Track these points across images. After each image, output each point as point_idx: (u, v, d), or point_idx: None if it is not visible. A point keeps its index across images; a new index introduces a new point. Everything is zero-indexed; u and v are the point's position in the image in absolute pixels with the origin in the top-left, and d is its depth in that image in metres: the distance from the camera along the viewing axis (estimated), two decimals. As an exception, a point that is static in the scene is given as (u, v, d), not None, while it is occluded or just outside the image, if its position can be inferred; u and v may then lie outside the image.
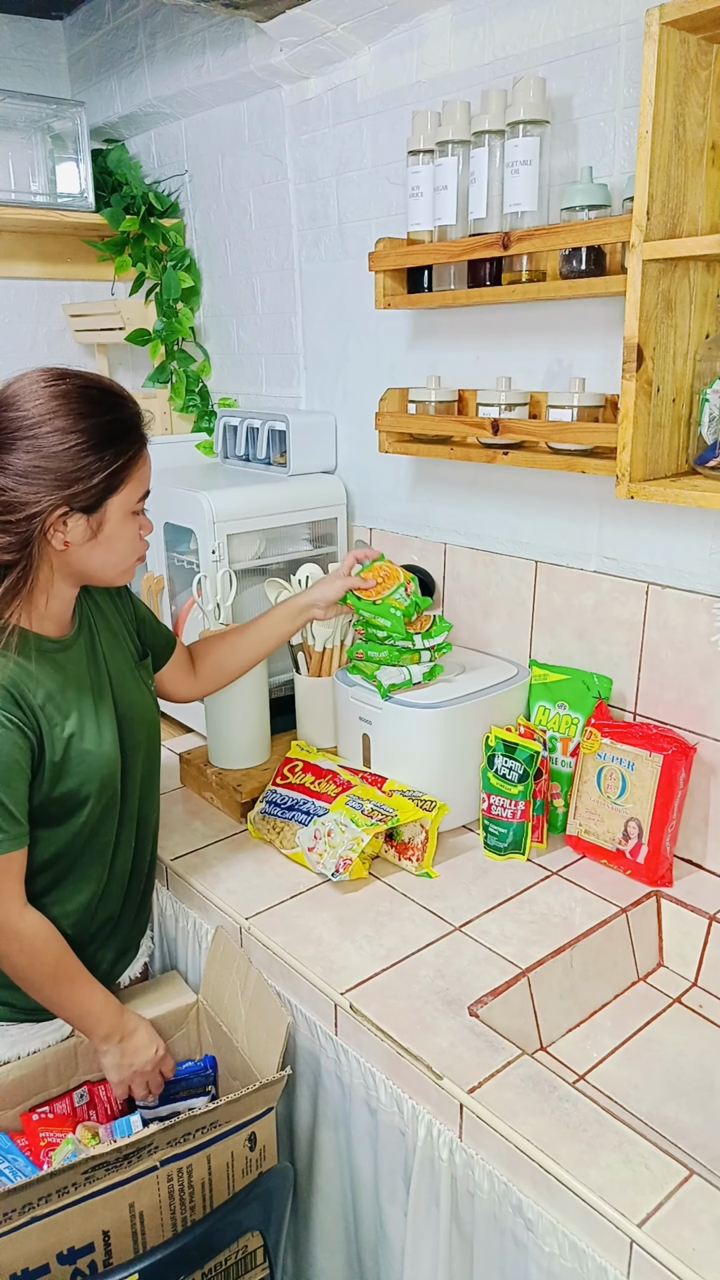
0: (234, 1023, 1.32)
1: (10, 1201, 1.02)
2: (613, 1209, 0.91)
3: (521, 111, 1.36)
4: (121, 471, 1.14)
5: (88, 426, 1.10)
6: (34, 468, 1.08)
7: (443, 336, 1.77)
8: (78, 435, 1.10)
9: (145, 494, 1.20)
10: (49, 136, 2.29)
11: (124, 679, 1.31)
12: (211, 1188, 1.19)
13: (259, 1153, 1.22)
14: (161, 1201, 1.14)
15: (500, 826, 1.50)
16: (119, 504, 1.15)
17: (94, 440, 1.11)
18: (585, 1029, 1.29)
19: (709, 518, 1.40)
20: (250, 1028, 1.29)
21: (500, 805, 1.49)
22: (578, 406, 1.42)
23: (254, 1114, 1.20)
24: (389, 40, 1.72)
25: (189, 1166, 1.15)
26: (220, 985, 1.36)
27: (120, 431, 1.13)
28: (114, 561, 1.20)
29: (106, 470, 1.12)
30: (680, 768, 1.41)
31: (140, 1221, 1.13)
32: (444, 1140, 1.08)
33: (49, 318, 2.49)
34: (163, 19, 2.13)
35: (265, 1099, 1.20)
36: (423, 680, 1.56)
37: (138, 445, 1.16)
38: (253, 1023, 1.29)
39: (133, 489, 1.16)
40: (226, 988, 1.34)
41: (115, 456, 1.12)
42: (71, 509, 1.12)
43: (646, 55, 1.10)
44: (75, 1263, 1.09)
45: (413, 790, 1.53)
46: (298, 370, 2.15)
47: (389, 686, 1.54)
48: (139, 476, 1.17)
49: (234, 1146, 1.19)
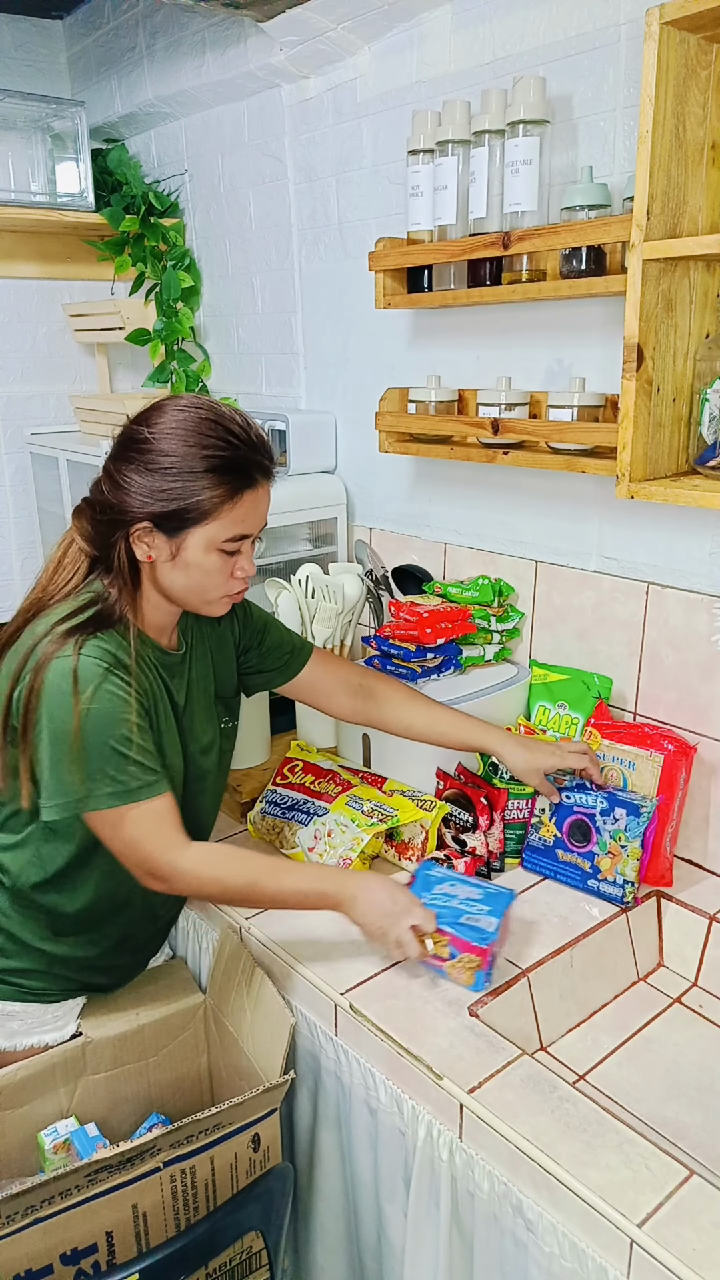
0: (239, 1023, 1.33)
1: (12, 1205, 1.02)
2: (613, 1209, 0.91)
3: (521, 111, 1.36)
4: (208, 505, 1.14)
5: (189, 454, 1.13)
6: (135, 479, 1.14)
7: (443, 336, 1.76)
8: (177, 459, 1.13)
9: (241, 536, 1.19)
10: (49, 136, 2.29)
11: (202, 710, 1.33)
12: (215, 1188, 1.19)
13: (263, 1153, 1.22)
14: (164, 1202, 1.14)
15: (516, 829, 1.49)
16: (201, 535, 1.16)
17: (190, 468, 1.13)
18: (585, 1029, 1.29)
19: (709, 517, 1.40)
20: (255, 1029, 1.29)
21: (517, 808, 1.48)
22: (578, 406, 1.42)
23: (257, 1115, 1.20)
24: (389, 40, 1.72)
25: (192, 1168, 1.15)
26: (227, 985, 1.36)
27: (222, 468, 1.14)
28: (193, 588, 1.20)
29: (192, 499, 1.14)
30: (681, 768, 1.41)
31: (143, 1222, 1.13)
32: (444, 1140, 1.08)
33: (49, 317, 2.49)
34: (163, 18, 2.13)
35: (268, 1101, 1.20)
36: (493, 659, 1.69)
37: (236, 486, 1.16)
38: (257, 1023, 1.29)
39: (220, 526, 1.16)
40: (233, 988, 1.34)
41: (206, 489, 1.14)
42: (155, 526, 1.15)
43: (646, 55, 1.10)
44: (79, 1263, 1.09)
45: (413, 790, 1.53)
46: (298, 370, 2.15)
47: (466, 659, 1.65)
48: (231, 517, 1.16)
49: (237, 1148, 1.19)
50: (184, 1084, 1.41)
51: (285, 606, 1.80)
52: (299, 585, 1.81)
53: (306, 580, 1.81)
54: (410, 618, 1.59)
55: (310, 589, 1.81)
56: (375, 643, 1.66)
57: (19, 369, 2.47)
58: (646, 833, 1.34)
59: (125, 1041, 1.33)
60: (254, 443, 1.18)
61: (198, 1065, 1.42)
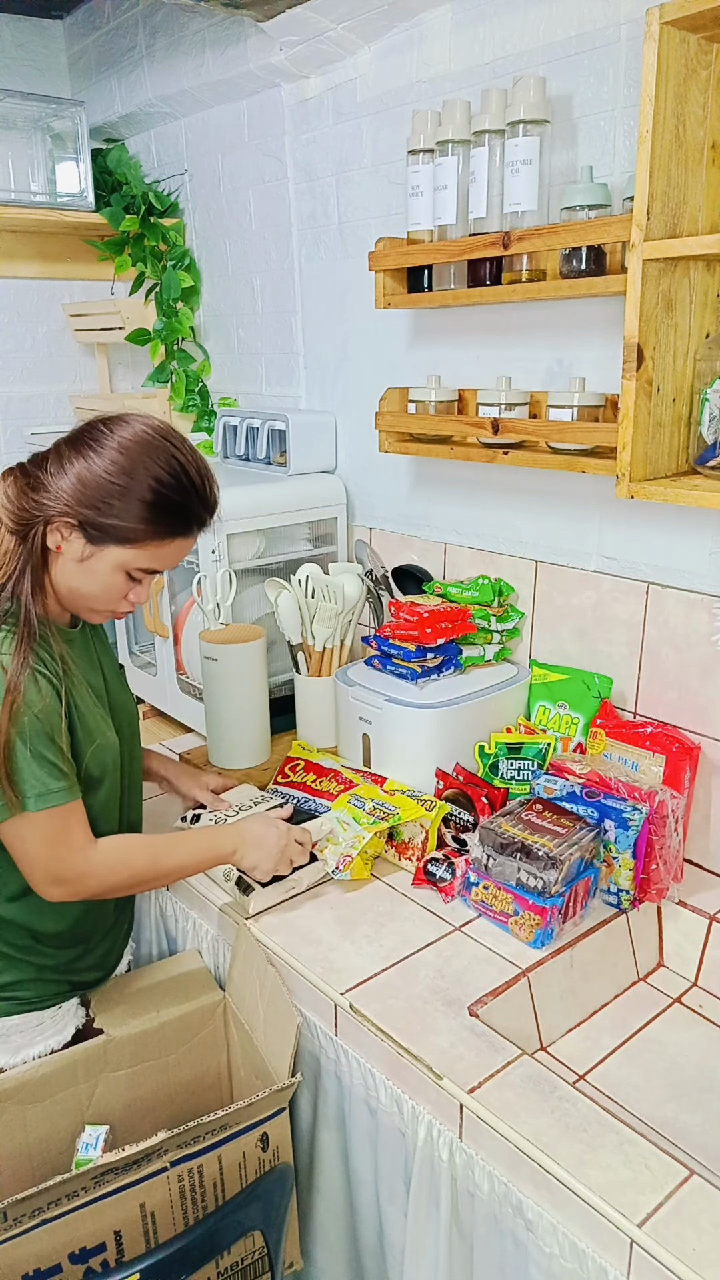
0: (254, 1021, 1.33)
1: (20, 1207, 1.02)
2: (613, 1209, 0.91)
3: (521, 111, 1.36)
4: (136, 535, 1.15)
5: (141, 478, 1.13)
6: (81, 475, 1.13)
7: (443, 336, 1.76)
8: (126, 478, 1.13)
9: (154, 571, 1.20)
10: (49, 136, 2.29)
11: (115, 679, 1.36)
12: (224, 1187, 1.19)
13: (272, 1152, 1.22)
14: (172, 1201, 1.14)
15: None
16: (118, 554, 1.16)
17: (134, 493, 1.13)
18: (585, 1029, 1.29)
19: (709, 517, 1.40)
20: (267, 1027, 1.29)
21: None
22: (578, 406, 1.42)
23: (265, 1115, 1.20)
24: (389, 39, 1.72)
25: (200, 1167, 1.15)
26: (244, 983, 1.36)
27: (165, 506, 1.15)
28: (87, 595, 1.20)
29: (124, 521, 1.13)
30: (685, 768, 1.41)
31: (152, 1221, 1.13)
32: (444, 1140, 1.08)
33: (49, 317, 2.49)
34: (162, 18, 2.13)
35: (276, 1102, 1.21)
36: (493, 659, 1.68)
37: (171, 529, 1.17)
38: (269, 1022, 1.29)
39: (140, 556, 1.17)
40: (248, 986, 1.34)
41: (141, 520, 1.14)
42: (79, 526, 1.14)
43: (646, 55, 1.10)
44: (87, 1262, 1.10)
45: (413, 790, 1.53)
46: (297, 370, 2.14)
47: (466, 659, 1.65)
48: (154, 553, 1.18)
49: (246, 1147, 1.19)
50: (204, 1082, 1.41)
51: (285, 606, 1.80)
52: (299, 585, 1.81)
53: (306, 580, 1.81)
54: (410, 618, 1.59)
55: (310, 589, 1.82)
56: (375, 643, 1.66)
57: (19, 369, 2.47)
58: (638, 843, 1.34)
59: (146, 1039, 1.33)
60: (204, 496, 1.18)
61: (217, 1063, 1.42)
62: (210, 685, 1.73)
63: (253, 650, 1.71)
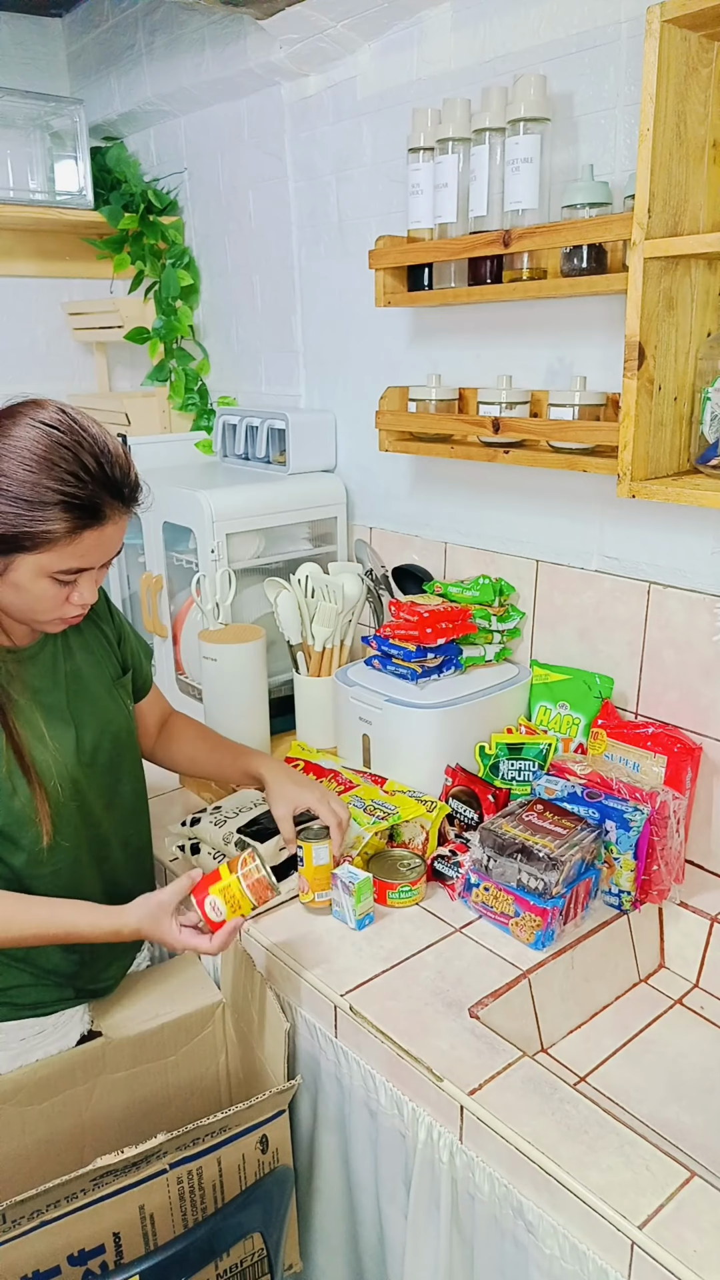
0: (250, 1025, 1.33)
1: (18, 1210, 1.02)
2: (614, 1211, 0.90)
3: (522, 109, 1.35)
4: (40, 539, 1.07)
5: (30, 481, 1.05)
6: None
7: (443, 334, 1.76)
8: (15, 483, 1.05)
9: (79, 570, 1.12)
10: (48, 134, 2.28)
11: (97, 694, 1.29)
12: (223, 1189, 1.18)
13: (271, 1154, 1.22)
14: (171, 1203, 1.14)
15: None
16: (31, 562, 1.08)
17: (25, 497, 1.05)
18: (586, 1030, 1.29)
19: (710, 517, 1.40)
20: (263, 1031, 1.29)
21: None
22: (579, 405, 1.42)
23: (265, 1117, 1.20)
24: (389, 37, 1.71)
25: (199, 1169, 1.15)
26: (239, 987, 1.35)
27: (65, 504, 1.06)
28: (23, 608, 1.14)
29: (24, 529, 1.06)
30: (686, 768, 1.41)
31: (151, 1223, 1.13)
32: (444, 1142, 1.08)
33: (48, 316, 2.49)
34: (162, 16, 2.12)
35: (276, 1104, 1.20)
36: (493, 659, 1.67)
37: (78, 524, 1.08)
38: (264, 1027, 1.29)
39: (53, 559, 1.09)
40: (243, 990, 1.34)
41: (41, 522, 1.06)
42: None
43: (647, 53, 1.10)
44: (86, 1264, 1.09)
45: (413, 790, 1.53)
46: (297, 368, 2.14)
47: (466, 659, 1.64)
48: (67, 552, 1.09)
49: (245, 1149, 1.19)
50: (203, 1084, 1.41)
51: (285, 606, 1.80)
52: (299, 585, 1.80)
53: (306, 580, 1.81)
54: (410, 617, 1.59)
55: (310, 588, 1.81)
56: (375, 643, 1.66)
57: (18, 368, 2.47)
58: (639, 844, 1.33)
59: (144, 1041, 1.33)
60: (107, 479, 1.09)
61: (216, 1065, 1.42)
62: (209, 685, 1.73)
63: (252, 650, 1.71)
